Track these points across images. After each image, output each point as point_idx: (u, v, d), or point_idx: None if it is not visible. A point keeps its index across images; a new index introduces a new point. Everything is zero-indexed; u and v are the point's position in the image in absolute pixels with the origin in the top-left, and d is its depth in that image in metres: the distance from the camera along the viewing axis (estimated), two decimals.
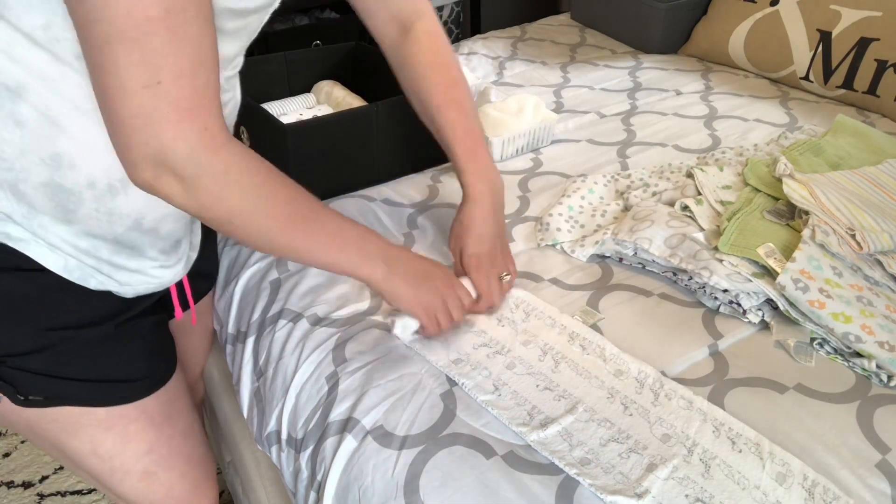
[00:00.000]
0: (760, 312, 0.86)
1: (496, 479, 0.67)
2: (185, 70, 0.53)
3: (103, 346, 0.72)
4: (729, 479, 0.66)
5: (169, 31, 0.51)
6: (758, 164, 1.09)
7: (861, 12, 1.46)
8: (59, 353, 0.69)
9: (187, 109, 0.54)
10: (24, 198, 0.61)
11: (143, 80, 0.51)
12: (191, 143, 0.55)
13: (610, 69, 1.66)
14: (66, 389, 0.71)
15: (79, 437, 0.74)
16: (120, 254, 0.68)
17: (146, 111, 0.52)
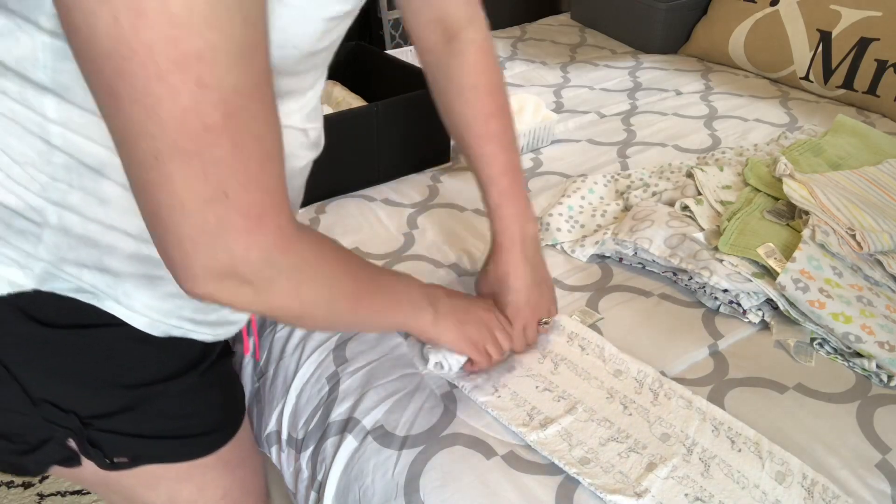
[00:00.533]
0: (760, 312, 0.86)
1: (496, 480, 0.67)
2: (253, 173, 0.45)
3: (186, 397, 0.69)
4: (728, 479, 0.66)
5: (232, 137, 0.43)
6: (758, 164, 1.09)
7: (861, 12, 1.46)
8: (145, 410, 0.65)
9: (259, 215, 0.47)
10: (108, 271, 0.57)
11: (206, 194, 0.44)
12: (265, 249, 0.48)
13: (610, 69, 1.66)
14: (151, 448, 0.68)
15: (157, 490, 0.71)
16: (202, 309, 0.64)
17: (212, 227, 0.45)
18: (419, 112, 1.16)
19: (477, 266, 0.98)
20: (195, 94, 0.40)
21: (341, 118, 1.09)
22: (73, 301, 0.58)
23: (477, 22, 0.78)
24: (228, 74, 0.41)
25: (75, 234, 0.54)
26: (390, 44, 2.48)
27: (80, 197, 0.53)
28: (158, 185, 0.43)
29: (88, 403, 0.63)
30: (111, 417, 0.64)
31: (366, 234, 1.05)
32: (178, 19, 0.38)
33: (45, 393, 0.60)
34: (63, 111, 0.49)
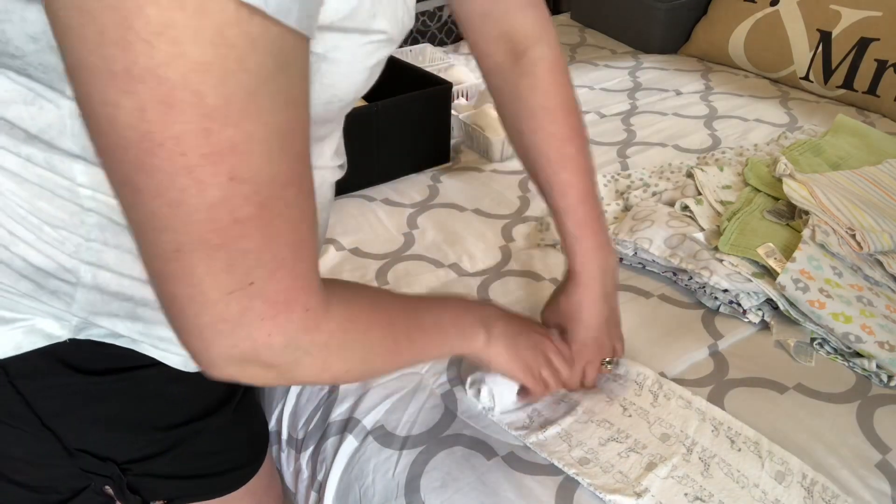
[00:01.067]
0: (760, 312, 0.86)
1: (497, 480, 0.67)
2: (283, 261, 0.41)
3: (219, 435, 0.68)
4: (728, 478, 0.66)
5: (263, 228, 0.39)
6: (758, 164, 1.09)
7: (861, 12, 1.46)
8: (181, 451, 0.64)
9: (286, 301, 0.43)
10: (140, 319, 0.55)
11: (231, 286, 0.40)
12: (290, 334, 0.44)
13: (610, 69, 1.66)
14: (187, 489, 0.67)
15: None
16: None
17: (234, 316, 0.41)
18: (419, 112, 1.16)
19: (477, 266, 0.98)
20: (226, 189, 0.36)
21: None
22: (110, 346, 0.56)
23: (547, 38, 0.71)
24: (265, 165, 0.37)
25: (110, 291, 0.52)
26: None
27: (114, 255, 0.51)
28: (178, 277, 0.39)
29: (127, 449, 0.61)
30: (149, 461, 0.62)
31: (366, 234, 1.05)
32: (213, 111, 0.34)
33: (83, 443, 0.59)
34: (93, 176, 0.47)
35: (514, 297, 0.92)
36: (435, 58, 1.64)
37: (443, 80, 1.19)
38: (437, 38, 2.59)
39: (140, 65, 0.32)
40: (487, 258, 1.00)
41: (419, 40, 2.55)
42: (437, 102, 1.18)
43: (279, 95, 0.36)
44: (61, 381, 0.56)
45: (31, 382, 0.55)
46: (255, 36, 0.33)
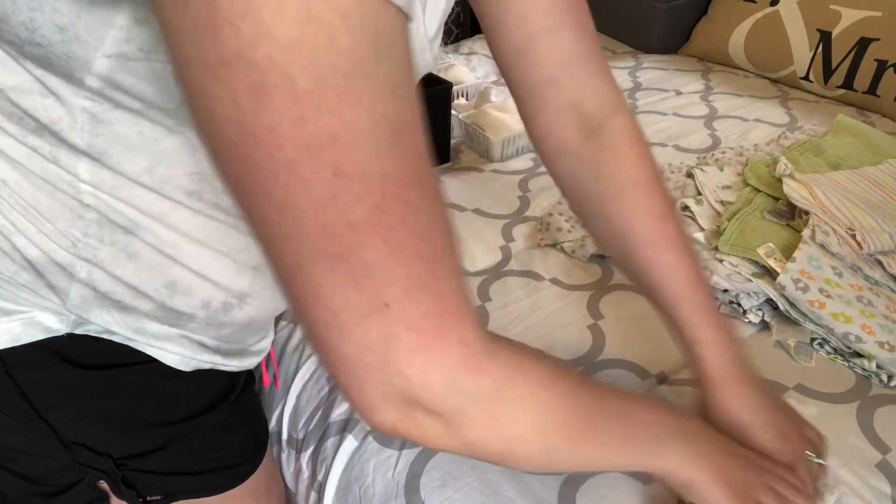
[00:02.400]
0: (760, 312, 0.86)
1: (497, 479, 0.67)
2: (419, 278, 0.37)
3: (217, 431, 0.67)
4: None
5: (385, 235, 0.35)
6: (758, 164, 1.09)
7: (861, 12, 1.46)
8: (178, 447, 0.63)
9: (433, 328, 0.38)
10: (133, 320, 0.55)
11: (362, 307, 0.36)
12: (448, 370, 0.39)
13: (610, 69, 1.66)
14: (184, 484, 0.66)
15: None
16: (220, 350, 0.62)
17: (376, 345, 0.37)
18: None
19: (477, 266, 0.98)
20: (332, 186, 0.33)
21: None
22: (107, 342, 0.56)
23: (623, 106, 0.64)
24: (374, 160, 0.33)
25: (102, 290, 0.52)
26: None
27: (110, 253, 0.50)
28: (307, 296, 0.37)
29: (122, 444, 0.60)
30: (145, 457, 0.61)
31: None
32: (306, 95, 0.31)
33: (78, 436, 0.58)
34: (96, 174, 0.47)
35: (514, 297, 0.92)
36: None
37: (443, 79, 1.19)
38: None
39: (228, 49, 0.30)
40: (487, 258, 1.00)
41: None
42: (437, 102, 1.18)
43: (381, 81, 0.33)
44: (58, 375, 0.55)
45: (29, 374, 0.55)
46: (346, 10, 0.30)
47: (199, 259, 0.52)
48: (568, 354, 0.82)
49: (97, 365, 0.56)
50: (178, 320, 0.56)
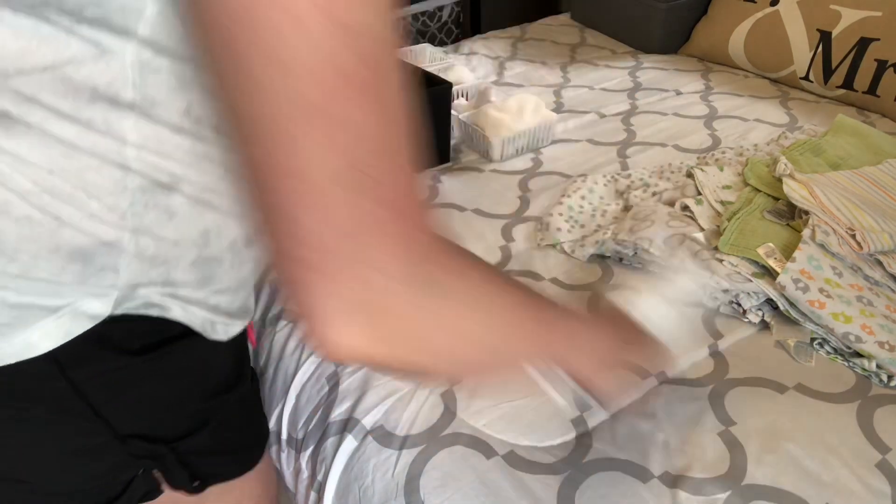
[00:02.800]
0: (760, 312, 0.86)
1: (497, 479, 0.67)
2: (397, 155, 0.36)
3: (244, 407, 0.69)
4: None
5: (370, 93, 0.34)
6: (758, 164, 1.09)
7: (861, 12, 1.46)
8: (217, 424, 0.64)
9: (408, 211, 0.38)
10: (172, 283, 0.54)
11: (336, 164, 0.34)
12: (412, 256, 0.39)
13: (610, 69, 1.66)
14: (224, 463, 0.68)
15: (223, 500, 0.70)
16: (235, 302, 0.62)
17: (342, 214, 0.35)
18: (419, 112, 1.16)
19: None
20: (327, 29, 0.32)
21: None
22: (142, 320, 0.55)
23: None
24: (373, 18, 0.33)
25: (148, 256, 0.51)
26: None
27: (153, 216, 0.50)
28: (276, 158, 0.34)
29: (172, 427, 0.61)
30: (191, 438, 0.62)
31: None
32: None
33: (132, 427, 0.58)
34: (141, 130, 0.46)
35: None
36: (435, 58, 1.64)
37: (443, 80, 1.19)
38: (437, 38, 2.59)
39: None
40: (487, 258, 1.00)
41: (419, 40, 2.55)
42: (437, 102, 1.18)
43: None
44: (107, 367, 0.55)
45: (81, 370, 0.54)
46: None
47: (227, 196, 0.52)
48: None
49: (136, 349, 0.56)
50: (210, 270, 0.56)
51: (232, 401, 0.66)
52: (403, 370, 0.45)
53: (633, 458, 0.69)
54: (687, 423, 0.73)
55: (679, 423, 0.73)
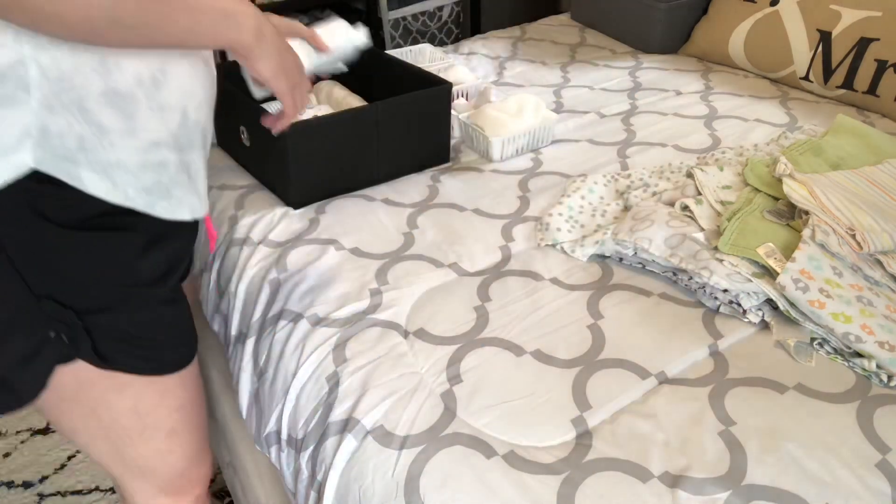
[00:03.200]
0: (760, 312, 0.86)
1: (496, 479, 0.67)
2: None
3: (166, 308, 0.74)
4: None
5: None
6: (758, 164, 1.09)
7: (861, 12, 1.46)
8: (133, 311, 0.70)
9: None
10: (91, 115, 0.60)
11: None
12: None
13: (610, 69, 1.66)
14: (128, 356, 0.73)
15: (124, 393, 0.75)
16: (181, 169, 0.68)
17: None
18: (419, 112, 1.16)
19: (477, 266, 0.98)
20: None
21: (341, 119, 1.09)
22: (72, 194, 0.61)
23: None
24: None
25: (54, 77, 0.57)
26: (390, 44, 2.49)
27: (47, 36, 0.55)
28: None
29: (84, 298, 0.67)
30: (100, 313, 0.68)
31: (366, 234, 1.05)
32: None
33: (47, 289, 0.64)
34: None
35: (514, 297, 0.92)
36: (435, 58, 1.64)
37: (443, 80, 1.19)
38: (437, 38, 2.59)
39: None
40: (487, 258, 1.00)
41: (419, 40, 2.55)
42: (437, 102, 1.18)
43: None
44: (31, 231, 0.61)
45: (7, 228, 0.60)
46: None
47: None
48: (568, 354, 0.82)
49: (64, 222, 0.63)
50: (126, 107, 0.61)
51: (150, 299, 0.71)
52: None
53: (633, 458, 0.69)
54: (687, 423, 0.73)
55: (679, 423, 0.73)
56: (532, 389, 0.77)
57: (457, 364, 0.81)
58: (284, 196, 1.11)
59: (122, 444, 0.80)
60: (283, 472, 0.86)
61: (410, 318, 0.88)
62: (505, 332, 0.86)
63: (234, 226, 1.09)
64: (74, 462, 1.55)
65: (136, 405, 0.77)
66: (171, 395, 0.79)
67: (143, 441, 0.80)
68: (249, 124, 1.13)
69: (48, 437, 1.61)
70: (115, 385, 0.74)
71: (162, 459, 0.83)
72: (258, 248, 1.03)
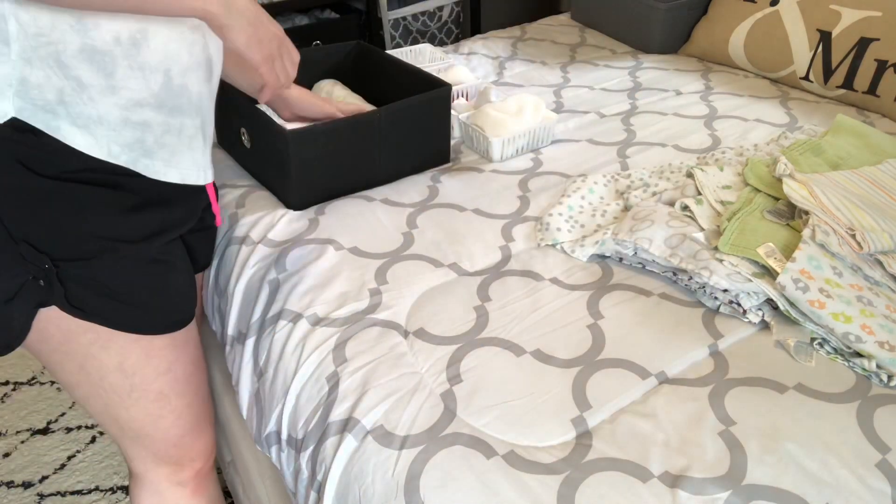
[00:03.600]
0: (760, 312, 0.86)
1: (496, 479, 0.67)
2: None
3: (152, 268, 0.76)
4: None
5: None
6: (758, 164, 1.09)
7: (861, 12, 1.46)
8: (110, 263, 0.73)
9: None
10: (69, 70, 0.63)
11: None
12: None
13: (610, 69, 1.66)
14: (105, 308, 0.74)
15: (109, 349, 0.77)
16: (168, 131, 0.71)
17: None
18: (419, 114, 1.16)
19: (477, 266, 0.98)
20: None
21: (343, 125, 1.09)
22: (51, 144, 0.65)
23: None
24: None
25: (32, 33, 0.61)
26: (390, 44, 2.49)
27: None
28: None
29: (59, 246, 0.70)
30: (74, 262, 0.71)
31: (365, 234, 1.05)
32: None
33: (24, 233, 0.68)
34: None
35: (514, 297, 0.92)
36: (435, 58, 1.64)
37: (442, 81, 1.19)
38: (437, 38, 2.59)
39: None
40: (487, 258, 1.00)
41: (419, 40, 2.55)
42: (437, 102, 1.18)
43: None
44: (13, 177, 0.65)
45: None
46: None
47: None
48: (568, 354, 0.82)
49: (47, 174, 0.66)
50: (104, 64, 0.65)
51: (132, 256, 0.74)
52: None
53: (633, 458, 0.69)
54: (687, 423, 0.73)
55: (679, 423, 0.73)
56: (532, 389, 0.77)
57: (457, 364, 0.81)
58: (285, 199, 1.11)
59: (112, 404, 0.82)
60: (283, 473, 0.86)
61: (410, 317, 0.89)
62: (505, 332, 0.86)
63: (234, 224, 1.09)
64: (74, 462, 1.55)
65: (121, 363, 0.78)
66: (158, 357, 0.81)
67: (132, 402, 0.82)
68: (250, 126, 1.13)
69: (48, 437, 1.61)
70: (99, 339, 0.76)
71: (154, 424, 0.85)
72: (257, 248, 1.03)
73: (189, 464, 0.91)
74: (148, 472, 0.89)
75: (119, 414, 0.83)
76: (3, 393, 1.74)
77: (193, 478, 0.93)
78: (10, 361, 1.84)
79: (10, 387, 1.76)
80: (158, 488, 0.90)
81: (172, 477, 0.91)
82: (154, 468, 0.89)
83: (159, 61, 0.68)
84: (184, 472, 0.91)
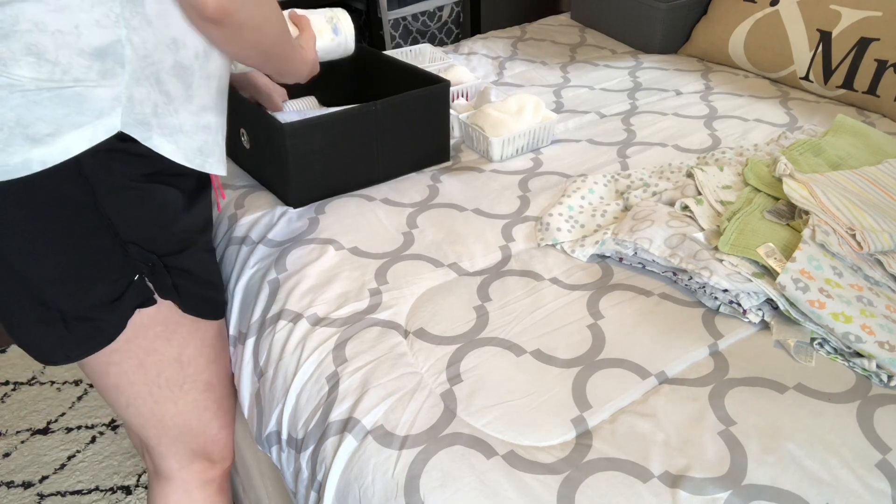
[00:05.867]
0: (760, 312, 0.86)
1: (497, 479, 0.67)
2: None
3: (205, 259, 0.84)
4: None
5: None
6: (758, 164, 1.09)
7: (861, 12, 1.46)
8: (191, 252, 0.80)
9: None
10: (163, 86, 0.70)
11: None
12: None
13: (610, 69, 1.66)
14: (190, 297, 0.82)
15: (172, 341, 0.82)
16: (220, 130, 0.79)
17: None
18: (418, 111, 1.16)
19: (477, 266, 0.98)
20: None
21: (340, 117, 1.09)
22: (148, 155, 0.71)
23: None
24: None
25: (142, 55, 0.68)
26: (390, 44, 2.48)
27: (137, 21, 0.66)
28: None
29: (163, 243, 0.77)
30: (175, 256, 0.78)
31: (365, 233, 1.05)
32: None
33: (133, 235, 0.74)
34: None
35: (514, 297, 0.92)
36: (435, 58, 1.64)
37: (442, 79, 1.19)
38: (437, 38, 2.59)
39: None
40: (487, 258, 1.00)
41: (419, 40, 2.55)
42: (436, 102, 1.18)
43: None
44: (121, 183, 0.71)
45: (100, 183, 0.69)
46: None
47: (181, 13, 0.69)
48: (568, 354, 0.82)
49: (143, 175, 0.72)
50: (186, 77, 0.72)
51: (201, 245, 0.84)
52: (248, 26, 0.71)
53: (633, 458, 0.69)
54: (687, 422, 0.73)
55: (679, 422, 0.73)
56: (532, 389, 0.77)
57: (457, 364, 0.81)
58: (284, 196, 1.11)
59: (162, 399, 0.85)
60: (283, 472, 0.86)
61: (410, 317, 0.89)
62: (505, 332, 0.86)
63: (234, 224, 1.09)
64: (74, 462, 1.55)
65: (180, 354, 0.84)
66: (210, 346, 0.88)
67: (182, 393, 0.86)
68: (249, 127, 1.13)
69: (48, 437, 1.61)
70: (166, 332, 0.81)
71: (198, 416, 0.89)
72: (257, 248, 1.03)
73: (220, 461, 0.95)
74: (181, 471, 0.92)
75: (166, 409, 0.86)
76: (3, 393, 1.74)
77: (220, 476, 0.96)
78: (10, 361, 1.84)
79: (10, 387, 1.76)
80: (188, 487, 0.93)
81: (202, 475, 0.94)
82: (188, 465, 0.92)
83: (216, 68, 0.77)
84: (214, 470, 0.95)
